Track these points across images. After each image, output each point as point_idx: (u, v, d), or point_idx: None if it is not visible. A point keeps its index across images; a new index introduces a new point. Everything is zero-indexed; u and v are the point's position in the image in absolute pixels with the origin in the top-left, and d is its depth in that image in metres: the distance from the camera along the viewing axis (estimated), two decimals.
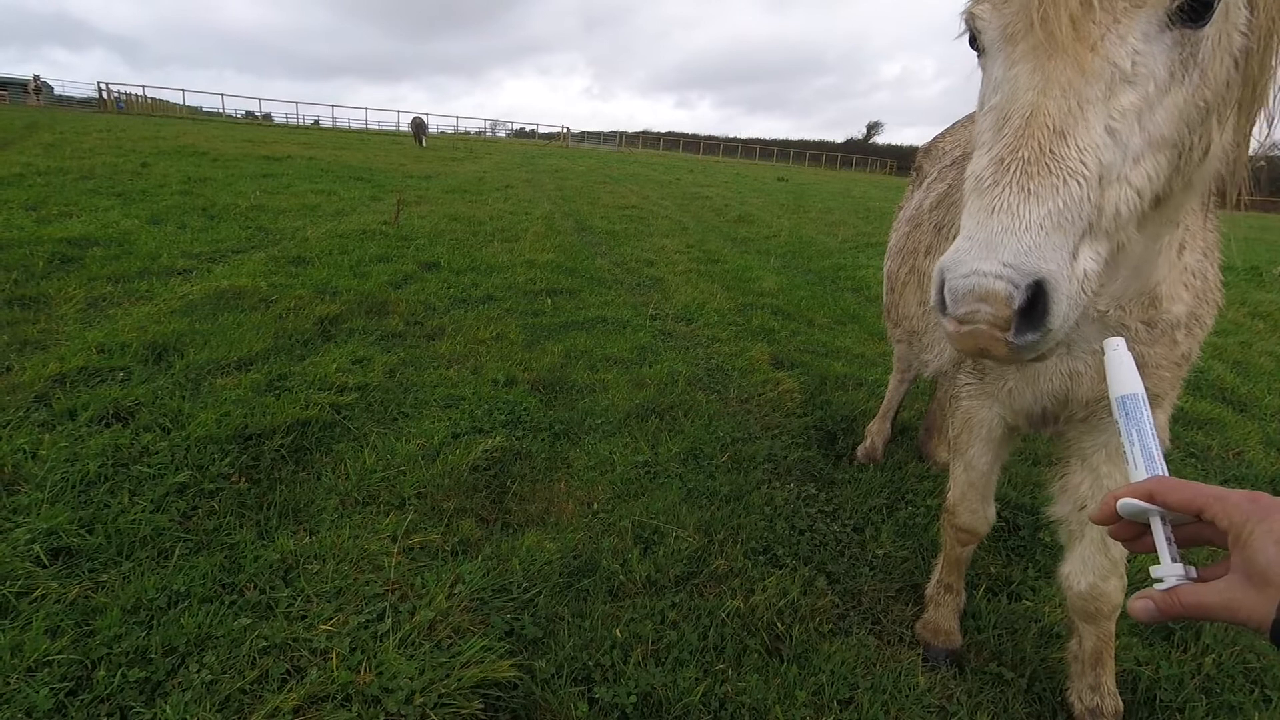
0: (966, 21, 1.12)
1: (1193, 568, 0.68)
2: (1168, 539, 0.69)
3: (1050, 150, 0.91)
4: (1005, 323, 0.86)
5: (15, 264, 4.92)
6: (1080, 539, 1.79)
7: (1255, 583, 0.59)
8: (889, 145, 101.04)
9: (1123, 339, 0.82)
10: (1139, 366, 1.53)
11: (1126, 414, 0.76)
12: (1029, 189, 0.89)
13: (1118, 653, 2.02)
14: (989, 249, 0.87)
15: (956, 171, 2.28)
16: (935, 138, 3.04)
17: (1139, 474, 0.72)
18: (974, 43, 1.12)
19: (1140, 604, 0.68)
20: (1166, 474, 0.72)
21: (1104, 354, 0.82)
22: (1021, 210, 0.88)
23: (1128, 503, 0.70)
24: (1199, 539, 0.70)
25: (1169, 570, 0.68)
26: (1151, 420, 0.75)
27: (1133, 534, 0.73)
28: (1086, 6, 0.94)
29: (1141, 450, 0.73)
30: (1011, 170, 0.91)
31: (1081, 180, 0.90)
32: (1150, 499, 0.68)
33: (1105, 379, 1.62)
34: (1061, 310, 0.87)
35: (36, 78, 40.50)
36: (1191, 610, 0.65)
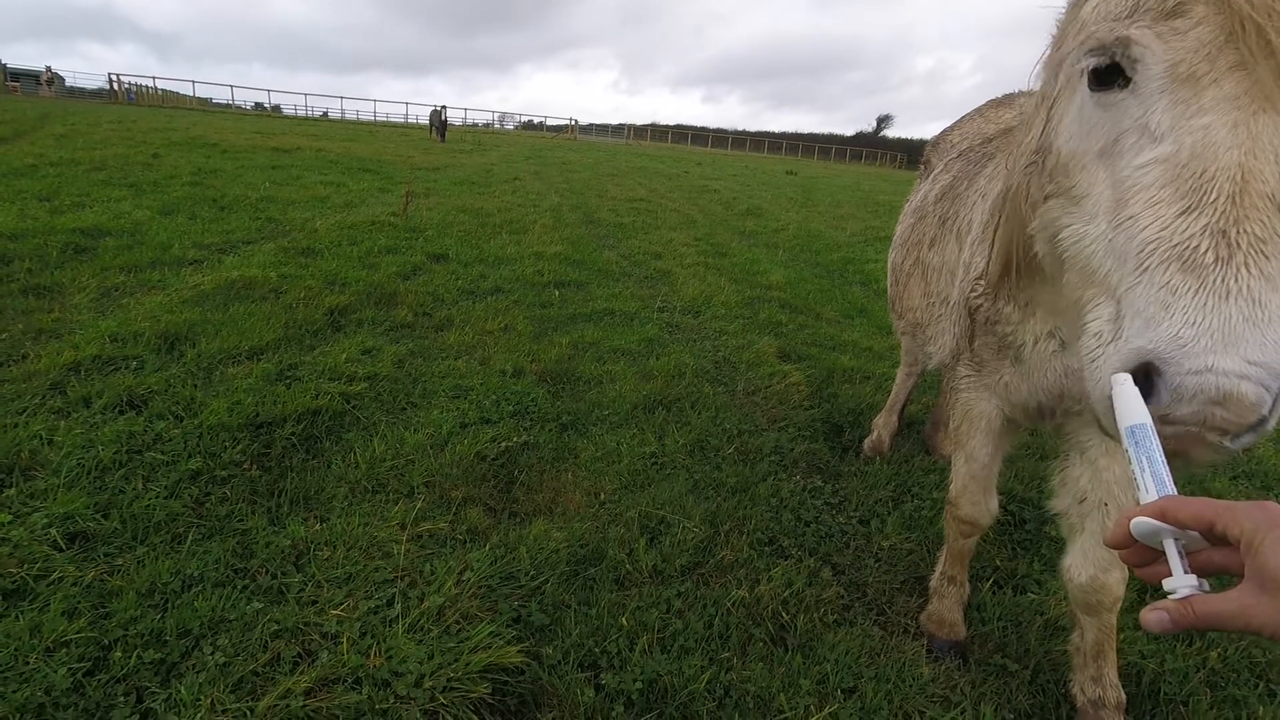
0: (1111, 46, 0.95)
1: (1205, 581, 0.68)
2: (1180, 554, 0.69)
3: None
4: (1240, 429, 0.76)
5: (30, 253, 4.97)
6: (1081, 532, 1.79)
7: (1268, 589, 0.60)
8: (899, 139, 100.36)
9: (1129, 375, 0.80)
10: None
11: (1136, 442, 0.75)
12: (1267, 273, 0.78)
13: (1122, 646, 2.02)
14: (1228, 343, 0.75)
15: (962, 164, 2.27)
16: (944, 131, 3.03)
17: (1149, 498, 0.72)
18: (1107, 73, 0.96)
19: (1154, 615, 0.68)
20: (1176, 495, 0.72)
21: (1111, 388, 0.80)
22: (1265, 298, 0.77)
23: (1141, 522, 0.70)
24: (1211, 566, 0.70)
25: (1182, 581, 0.68)
26: (1161, 448, 0.74)
27: (1145, 559, 0.73)
28: None
29: (1152, 475, 0.73)
30: (1242, 247, 0.79)
31: None
32: (1162, 517, 0.68)
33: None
34: None
35: (49, 69, 40.73)
36: (1205, 619, 0.65)
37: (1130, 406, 0.78)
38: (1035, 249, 1.18)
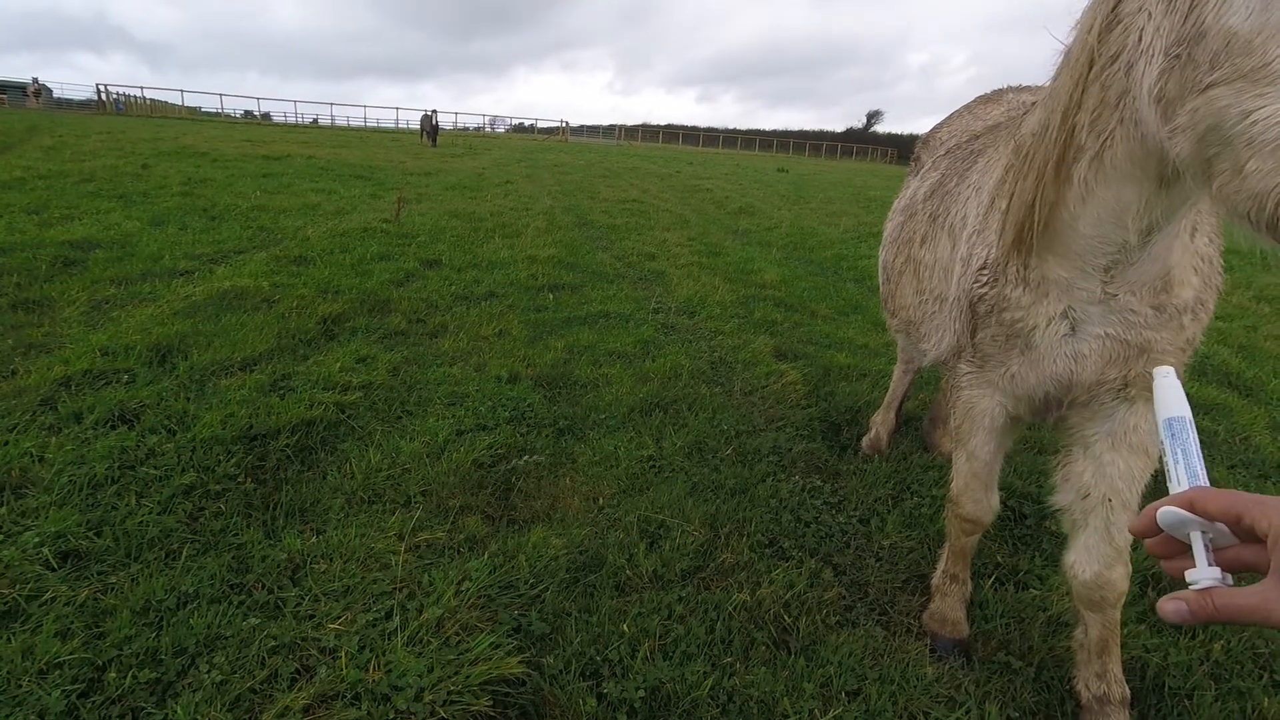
0: None
1: (1228, 575, 0.67)
2: (1206, 546, 0.68)
3: None
4: None
5: (18, 267, 4.94)
6: (1084, 527, 1.78)
7: None
8: (889, 134, 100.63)
9: (1172, 368, 0.81)
10: (1144, 351, 1.53)
11: (1173, 434, 0.76)
12: None
13: (1126, 640, 2.02)
14: None
15: (950, 161, 2.26)
16: (934, 128, 3.02)
17: (1180, 489, 0.71)
18: None
19: (1172, 605, 0.67)
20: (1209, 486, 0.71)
21: (1153, 380, 0.81)
22: None
23: (1168, 511, 0.69)
24: (1240, 563, 0.69)
25: (1205, 574, 0.67)
26: (1198, 442, 0.75)
27: (1171, 551, 0.72)
28: None
29: (1185, 468, 0.73)
30: None
31: None
32: (1190, 507, 0.68)
33: (1114, 366, 1.61)
34: None
35: (35, 80, 40.53)
36: (1224, 611, 0.64)
37: (1171, 398, 0.78)
38: (1177, 150, 1.12)
